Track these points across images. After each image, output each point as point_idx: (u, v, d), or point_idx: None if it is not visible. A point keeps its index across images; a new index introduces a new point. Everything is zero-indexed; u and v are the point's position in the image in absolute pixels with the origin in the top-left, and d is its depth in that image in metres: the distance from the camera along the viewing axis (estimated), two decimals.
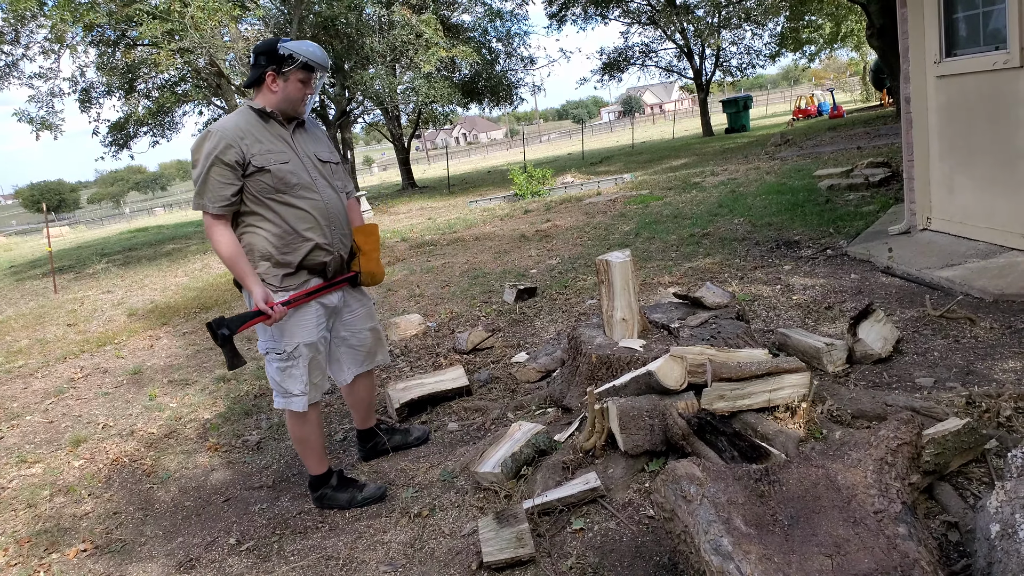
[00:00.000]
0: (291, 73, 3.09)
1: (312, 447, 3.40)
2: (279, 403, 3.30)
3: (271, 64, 3.08)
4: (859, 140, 16.13)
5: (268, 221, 3.12)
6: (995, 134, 5.28)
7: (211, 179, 3.00)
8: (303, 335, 3.21)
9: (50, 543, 3.50)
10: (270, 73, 3.09)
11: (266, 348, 3.24)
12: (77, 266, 16.29)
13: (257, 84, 3.14)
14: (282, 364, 3.21)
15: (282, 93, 3.12)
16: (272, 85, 3.11)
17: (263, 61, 3.10)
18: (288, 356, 3.20)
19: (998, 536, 1.83)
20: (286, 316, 3.14)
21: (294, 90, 3.13)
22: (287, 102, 3.14)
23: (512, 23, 25.63)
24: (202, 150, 3.01)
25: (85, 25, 13.03)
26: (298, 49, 3.08)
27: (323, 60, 3.17)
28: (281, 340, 3.19)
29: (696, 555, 2.07)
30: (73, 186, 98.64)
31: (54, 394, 5.99)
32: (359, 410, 3.79)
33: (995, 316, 4.26)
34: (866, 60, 37.52)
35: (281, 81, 3.10)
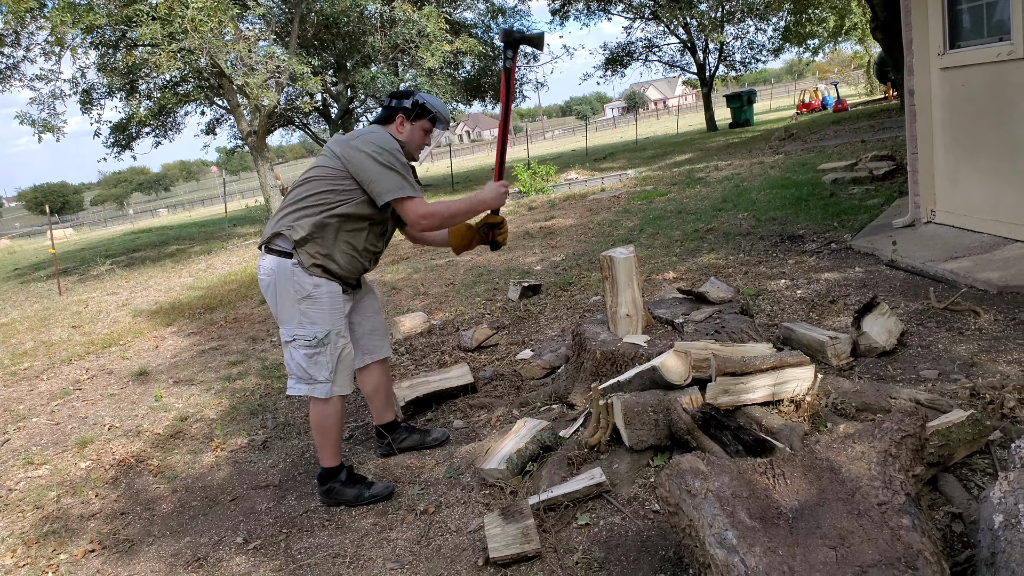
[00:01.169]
0: (419, 120, 3.37)
1: (331, 437, 3.43)
2: (300, 389, 3.33)
3: (402, 107, 3.36)
4: (863, 134, 16.09)
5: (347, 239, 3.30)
6: (999, 126, 5.26)
7: (401, 168, 3.21)
8: (334, 322, 3.30)
9: (58, 544, 3.52)
10: (401, 116, 3.35)
11: (293, 335, 3.27)
12: (81, 268, 16.34)
13: (387, 122, 3.38)
14: (310, 351, 3.26)
15: (407, 135, 3.37)
16: (400, 127, 3.36)
17: (395, 104, 3.38)
18: (319, 343, 3.26)
19: (1001, 526, 1.83)
20: (316, 304, 3.24)
21: (417, 136, 3.39)
22: (408, 145, 3.37)
23: (515, 19, 25.60)
24: (387, 151, 3.19)
25: (85, 27, 13.04)
26: (430, 101, 3.39)
27: (447, 118, 3.47)
28: (312, 327, 3.25)
29: (701, 549, 2.08)
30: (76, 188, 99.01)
31: (60, 396, 6.02)
32: (376, 400, 3.81)
33: (999, 308, 4.25)
34: (870, 53, 37.38)
35: (408, 124, 3.37)
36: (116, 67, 15.53)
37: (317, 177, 3.26)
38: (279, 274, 3.24)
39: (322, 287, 3.25)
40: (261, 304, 8.41)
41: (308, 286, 3.22)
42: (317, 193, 3.23)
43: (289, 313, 3.26)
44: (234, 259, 13.34)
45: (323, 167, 3.26)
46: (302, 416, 4.65)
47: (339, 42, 19.00)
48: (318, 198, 3.22)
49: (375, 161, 3.16)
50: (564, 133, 67.99)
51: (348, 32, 18.07)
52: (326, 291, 3.26)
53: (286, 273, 3.22)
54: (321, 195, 3.22)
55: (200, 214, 40.22)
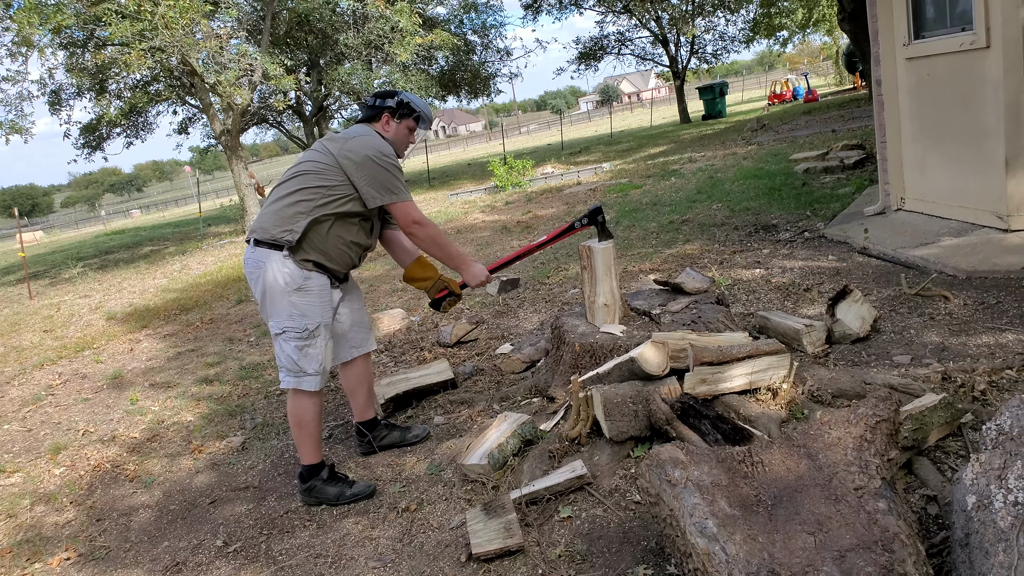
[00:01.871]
0: (404, 119, 3.45)
1: (311, 433, 3.43)
2: (289, 382, 3.34)
3: (387, 107, 3.43)
4: (834, 123, 16.25)
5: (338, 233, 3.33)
6: (963, 114, 5.34)
7: (396, 173, 3.29)
8: (323, 315, 3.33)
9: (32, 553, 3.47)
10: (387, 114, 3.43)
11: (283, 327, 3.27)
12: (52, 271, 16.11)
13: (373, 120, 3.45)
14: (300, 343, 3.28)
15: (393, 133, 3.44)
16: (386, 126, 3.44)
17: (382, 102, 3.44)
18: (309, 335, 3.28)
19: (974, 507, 1.86)
20: (308, 296, 3.27)
21: (402, 135, 3.48)
22: (395, 143, 3.43)
23: (487, 14, 25.54)
24: (387, 156, 3.28)
25: (53, 27, 12.83)
26: (414, 101, 3.46)
27: (430, 118, 3.54)
28: (303, 319, 3.26)
29: (682, 538, 2.10)
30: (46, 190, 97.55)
31: (32, 402, 5.93)
32: (358, 396, 3.79)
33: (968, 292, 4.32)
34: (838, 44, 37.76)
35: (394, 123, 3.45)
36: (85, 67, 15.30)
37: (308, 172, 3.27)
38: (269, 266, 3.23)
39: (313, 279, 3.27)
40: (237, 304, 8.35)
41: (299, 278, 3.23)
42: (309, 188, 3.24)
43: (279, 305, 3.26)
44: (209, 259, 13.21)
45: (314, 162, 3.28)
46: (280, 416, 4.62)
47: (311, 39, 18.85)
48: (310, 193, 3.24)
49: (375, 163, 3.23)
50: (539, 127, 67.97)
51: (320, 29, 17.93)
52: (317, 283, 3.29)
53: (276, 265, 3.22)
54: (313, 191, 3.24)
55: (174, 214, 39.79)
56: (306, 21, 17.68)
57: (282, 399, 4.92)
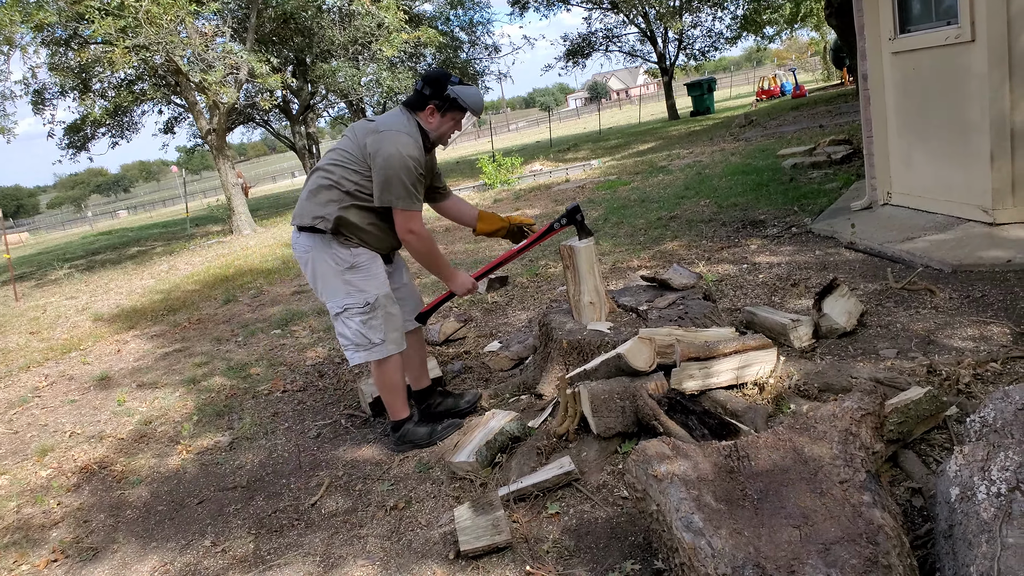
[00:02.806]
0: (449, 111, 3.38)
1: (399, 391, 3.62)
2: (360, 357, 3.48)
3: (435, 98, 3.35)
4: (821, 119, 16.31)
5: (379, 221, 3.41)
6: (949, 108, 5.36)
7: (409, 180, 3.25)
8: (380, 287, 3.45)
9: (19, 554, 3.45)
10: (431, 106, 3.36)
11: (342, 306, 3.41)
12: (38, 272, 16.00)
13: (418, 108, 3.39)
14: (364, 316, 3.41)
15: (436, 126, 3.40)
16: (430, 117, 3.38)
17: (428, 92, 3.35)
18: (371, 307, 3.41)
19: (958, 499, 1.87)
20: (360, 271, 3.40)
21: (447, 128, 3.43)
22: (437, 134, 3.44)
23: (474, 11, 25.51)
24: (407, 158, 3.24)
25: (35, 25, 12.72)
26: (463, 95, 3.35)
27: (479, 110, 3.45)
28: (362, 294, 3.40)
29: (669, 533, 2.10)
30: (31, 191, 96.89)
31: (18, 404, 5.89)
32: (412, 367, 3.90)
33: (954, 286, 4.35)
34: (826, 40, 37.87)
35: (439, 115, 3.38)
36: (68, 66, 15.19)
37: (338, 163, 3.36)
38: (316, 250, 3.38)
39: (362, 254, 3.41)
40: (225, 304, 8.31)
41: (349, 257, 3.37)
42: (338, 179, 3.33)
43: (334, 286, 3.40)
44: (197, 259, 13.15)
45: (345, 152, 3.37)
46: (268, 416, 4.61)
47: (297, 37, 18.78)
48: (339, 184, 3.32)
49: (390, 166, 3.24)
50: (528, 125, 67.86)
51: (306, 27, 17.87)
52: (367, 257, 3.42)
53: (323, 248, 3.36)
54: (342, 181, 3.32)
55: (161, 214, 39.60)
56: (291, 19, 17.60)
57: (269, 398, 4.91)
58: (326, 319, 6.69)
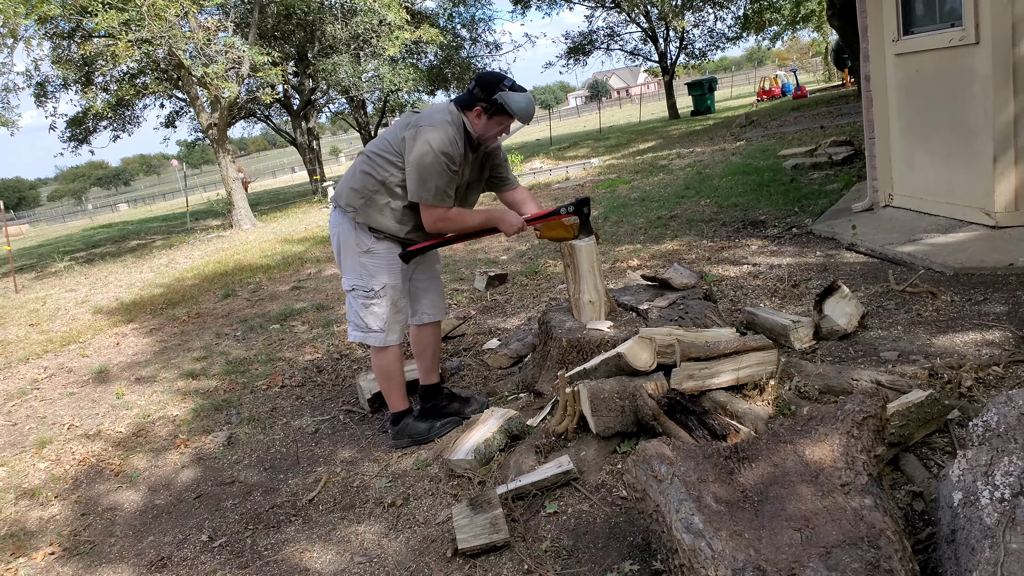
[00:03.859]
0: (496, 116, 3.38)
1: (396, 382, 3.69)
2: (356, 336, 3.61)
3: (484, 101, 3.34)
4: (822, 119, 16.30)
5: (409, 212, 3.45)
6: (952, 111, 5.35)
7: (440, 177, 3.28)
8: (389, 277, 3.51)
9: (16, 547, 3.44)
10: (479, 107, 3.35)
11: (352, 284, 3.53)
12: (38, 265, 15.99)
13: (467, 106, 3.40)
14: (367, 301, 3.51)
15: (482, 127, 3.40)
16: (476, 119, 3.39)
17: (479, 93, 3.35)
18: (375, 295, 3.50)
19: (960, 504, 1.86)
20: (375, 258, 3.48)
21: (492, 129, 3.42)
22: (482, 136, 3.44)
23: (476, 8, 25.48)
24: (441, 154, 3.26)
25: (39, 18, 12.71)
26: (512, 102, 3.33)
27: (527, 118, 3.44)
28: (370, 279, 3.49)
29: (668, 534, 2.09)
30: (32, 183, 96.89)
31: (17, 395, 5.88)
32: (424, 359, 3.90)
33: (956, 289, 4.34)
34: (827, 40, 37.85)
35: (485, 117, 3.38)
36: (71, 59, 15.17)
37: (379, 150, 3.43)
38: (343, 228, 3.51)
39: (381, 244, 3.48)
40: (224, 299, 8.30)
41: (368, 241, 3.46)
42: (378, 165, 3.40)
43: (351, 264, 3.52)
44: (196, 253, 13.14)
45: (386, 139, 3.44)
46: (266, 411, 4.60)
47: (299, 32, 18.76)
48: (373, 167, 3.41)
49: (423, 158, 3.27)
50: None
51: (308, 22, 17.84)
52: (384, 247, 3.49)
53: (349, 228, 3.48)
54: (377, 168, 3.40)
55: (161, 208, 39.56)
56: (294, 14, 17.58)
57: (268, 393, 4.90)
58: (325, 315, 6.69)
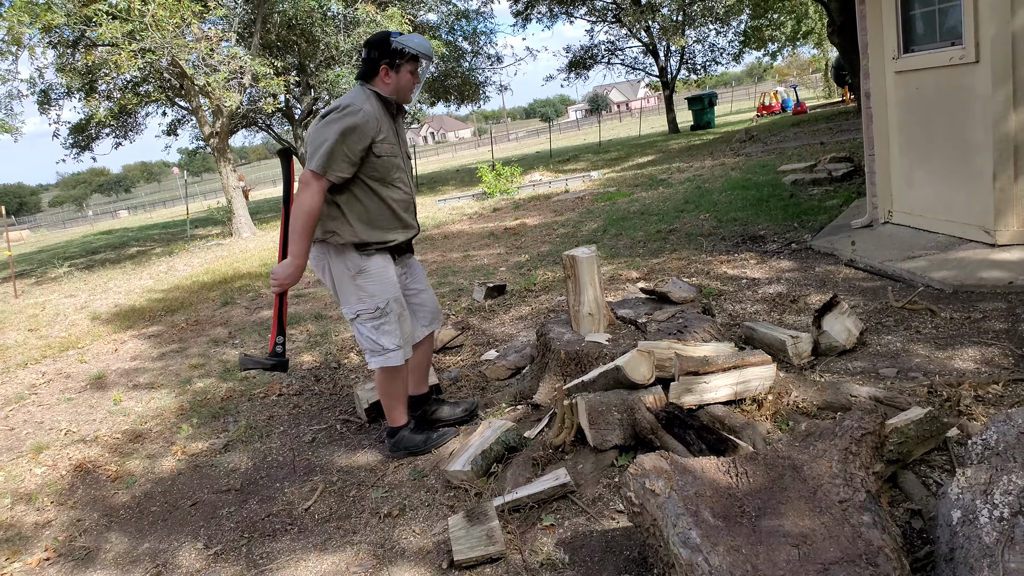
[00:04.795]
0: (403, 65, 3.34)
1: (400, 399, 3.63)
2: (376, 362, 3.48)
3: (384, 58, 3.31)
4: (822, 136, 16.35)
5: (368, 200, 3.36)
6: (952, 128, 5.37)
7: (340, 150, 3.18)
8: (390, 291, 3.45)
9: (11, 552, 3.43)
10: (384, 66, 3.32)
11: (355, 312, 3.42)
12: (38, 270, 15.98)
13: (371, 76, 3.36)
14: (376, 322, 3.42)
15: (395, 84, 3.36)
16: (386, 77, 3.34)
17: (375, 55, 3.33)
18: (381, 313, 3.42)
19: (959, 522, 1.86)
20: (370, 277, 3.39)
21: (405, 80, 3.38)
22: (399, 92, 3.39)
23: (478, 22, 25.60)
24: (342, 122, 3.18)
25: (43, 26, 12.75)
26: (409, 43, 3.32)
27: (430, 52, 3.41)
28: (372, 299, 3.41)
29: (665, 548, 2.08)
30: (34, 189, 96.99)
31: (15, 400, 5.86)
32: (416, 372, 3.88)
33: (955, 307, 4.34)
34: (827, 57, 38.03)
35: (394, 73, 3.34)
36: (75, 67, 15.21)
37: None
38: (329, 260, 3.41)
39: (372, 259, 3.40)
40: (223, 306, 8.30)
41: (359, 261, 3.37)
42: None
43: (347, 291, 3.42)
44: (196, 261, 13.14)
45: None
46: (264, 419, 4.59)
47: (302, 43, 18.81)
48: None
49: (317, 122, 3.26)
50: (528, 135, 68.03)
51: (311, 33, 17.90)
52: (377, 263, 3.41)
53: (335, 256, 3.38)
54: None
55: (161, 215, 39.59)
56: (296, 25, 17.64)
57: (265, 402, 4.89)
58: (323, 323, 6.68)
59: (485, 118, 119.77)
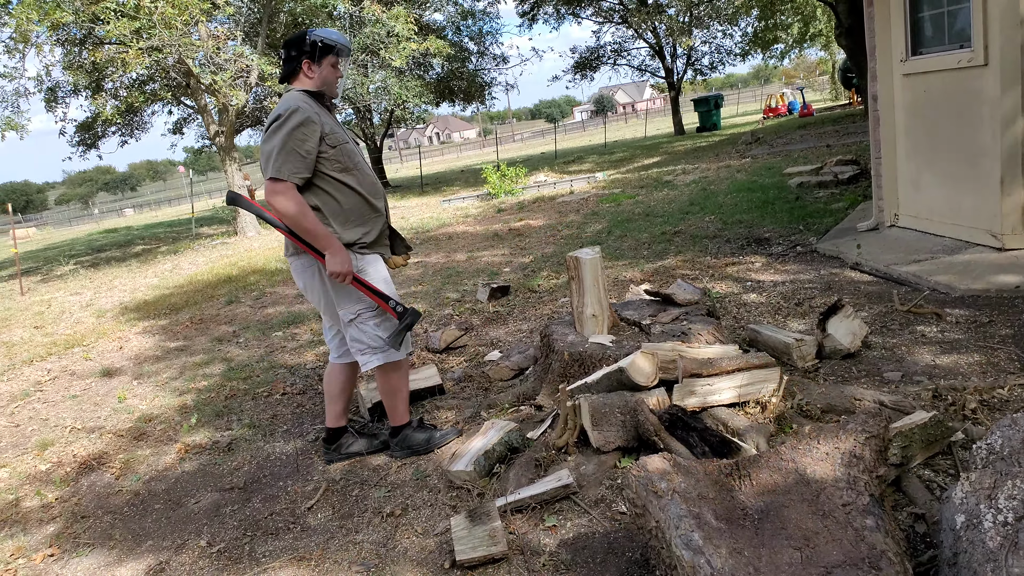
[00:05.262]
0: (324, 58, 3.32)
1: (403, 397, 3.63)
2: (377, 360, 3.45)
3: (304, 53, 3.30)
4: (828, 138, 16.32)
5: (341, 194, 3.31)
6: (959, 131, 5.36)
7: (292, 151, 3.15)
8: (389, 288, 3.45)
9: (16, 547, 3.44)
10: (306, 61, 3.31)
11: (355, 311, 3.39)
12: (44, 268, 16.03)
13: (293, 75, 3.35)
14: (379, 319, 3.41)
15: (319, 78, 3.33)
16: (309, 72, 3.32)
17: (295, 52, 3.31)
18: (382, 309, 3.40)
19: (963, 527, 1.86)
20: (367, 275, 3.36)
21: (329, 73, 3.35)
22: (325, 85, 3.36)
23: (484, 22, 25.62)
24: (286, 125, 3.15)
25: (51, 24, 12.80)
26: (327, 36, 3.31)
27: (348, 43, 3.41)
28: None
29: (667, 550, 2.08)
30: (40, 187, 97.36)
31: (20, 397, 5.89)
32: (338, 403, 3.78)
33: (961, 311, 4.33)
34: (835, 59, 37.98)
35: (316, 67, 3.32)
36: (82, 65, 15.26)
37: None
38: (318, 267, 3.35)
39: (366, 259, 3.39)
40: (228, 305, 8.31)
41: (356, 261, 3.34)
42: None
43: (345, 293, 3.36)
44: (201, 259, 13.16)
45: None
46: (267, 417, 4.60)
47: None
48: None
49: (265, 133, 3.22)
50: (533, 136, 68.02)
51: None
52: (371, 260, 3.41)
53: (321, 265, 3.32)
54: None
55: (167, 214, 39.68)
56: (303, 24, 17.67)
57: (269, 401, 4.90)
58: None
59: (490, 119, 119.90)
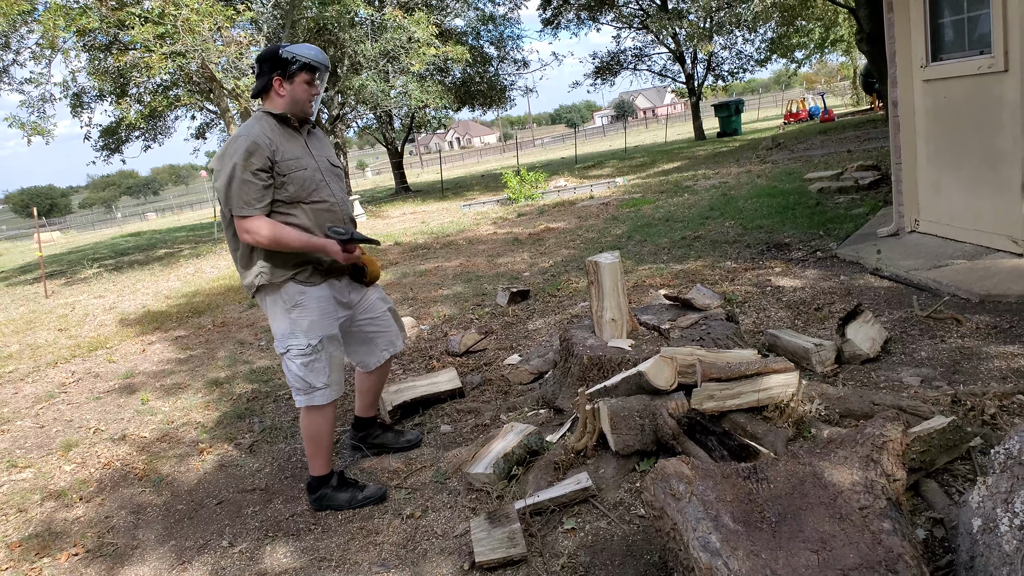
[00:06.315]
0: (296, 75, 3.18)
1: (323, 446, 3.44)
2: (301, 401, 3.34)
3: (275, 70, 3.17)
4: (849, 144, 16.22)
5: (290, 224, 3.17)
6: (980, 137, 5.33)
7: (244, 182, 3.05)
8: (326, 328, 3.29)
9: (41, 547, 3.50)
10: (276, 78, 3.18)
11: (286, 346, 3.26)
12: (68, 271, 16.24)
13: (265, 91, 3.23)
14: (306, 359, 3.25)
15: (290, 96, 3.21)
16: (280, 89, 3.20)
17: (267, 68, 3.19)
18: (313, 350, 3.25)
19: (980, 531, 1.86)
20: (306, 311, 3.23)
21: (301, 91, 3.22)
22: (296, 104, 3.23)
23: (505, 27, 25.70)
24: (229, 156, 3.08)
25: (77, 30, 12.99)
26: (299, 52, 3.17)
27: (324, 60, 3.25)
28: (304, 335, 3.24)
29: (685, 552, 2.10)
30: (64, 191, 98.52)
31: (45, 399, 5.98)
32: (367, 396, 3.86)
33: (981, 316, 4.30)
34: (856, 64, 37.72)
35: (288, 85, 3.19)
36: (107, 70, 15.47)
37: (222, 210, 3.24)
38: (267, 296, 3.27)
39: (307, 293, 3.24)
40: (249, 308, 8.40)
41: (294, 295, 3.22)
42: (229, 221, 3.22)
43: (280, 325, 3.27)
44: (223, 263, 13.29)
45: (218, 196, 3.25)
46: (289, 420, 4.65)
47: (330, 49, 18.99)
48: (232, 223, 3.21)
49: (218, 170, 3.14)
50: (553, 141, 67.99)
51: (339, 38, 18.07)
52: (313, 297, 3.26)
53: (274, 296, 3.25)
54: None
55: (189, 218, 40.05)
56: (325, 30, 17.81)
57: (291, 402, 4.95)
58: None
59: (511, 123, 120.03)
